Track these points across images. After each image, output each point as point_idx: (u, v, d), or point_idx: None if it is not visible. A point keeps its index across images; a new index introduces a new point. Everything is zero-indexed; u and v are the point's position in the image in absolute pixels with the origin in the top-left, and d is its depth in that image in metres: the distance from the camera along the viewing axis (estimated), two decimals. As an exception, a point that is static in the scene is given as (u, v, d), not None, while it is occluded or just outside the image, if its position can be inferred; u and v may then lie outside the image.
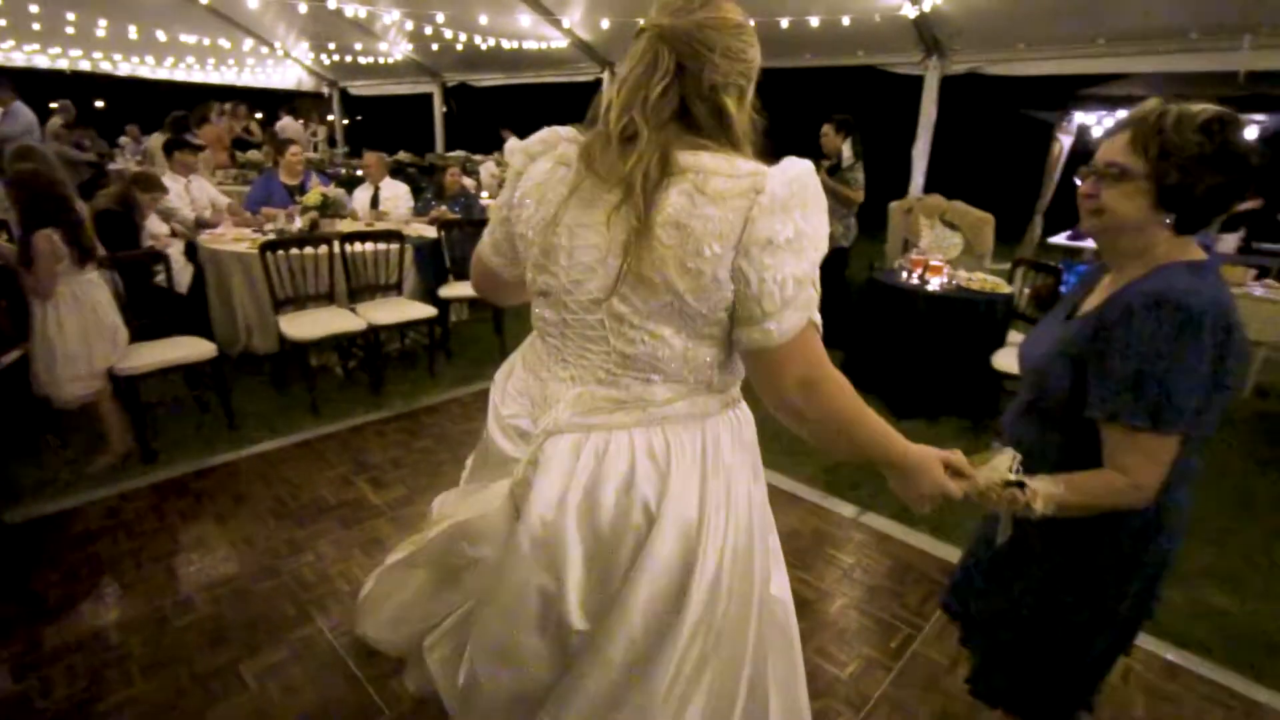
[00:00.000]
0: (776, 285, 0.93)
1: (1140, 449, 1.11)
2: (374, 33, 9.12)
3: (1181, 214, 1.13)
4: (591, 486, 1.03)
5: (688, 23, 0.94)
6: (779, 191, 0.92)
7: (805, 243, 0.93)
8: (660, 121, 0.95)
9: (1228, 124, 1.09)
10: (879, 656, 2.13)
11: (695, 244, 0.93)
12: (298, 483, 3.01)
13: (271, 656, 2.04)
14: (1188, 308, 1.06)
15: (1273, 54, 4.48)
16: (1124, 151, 1.14)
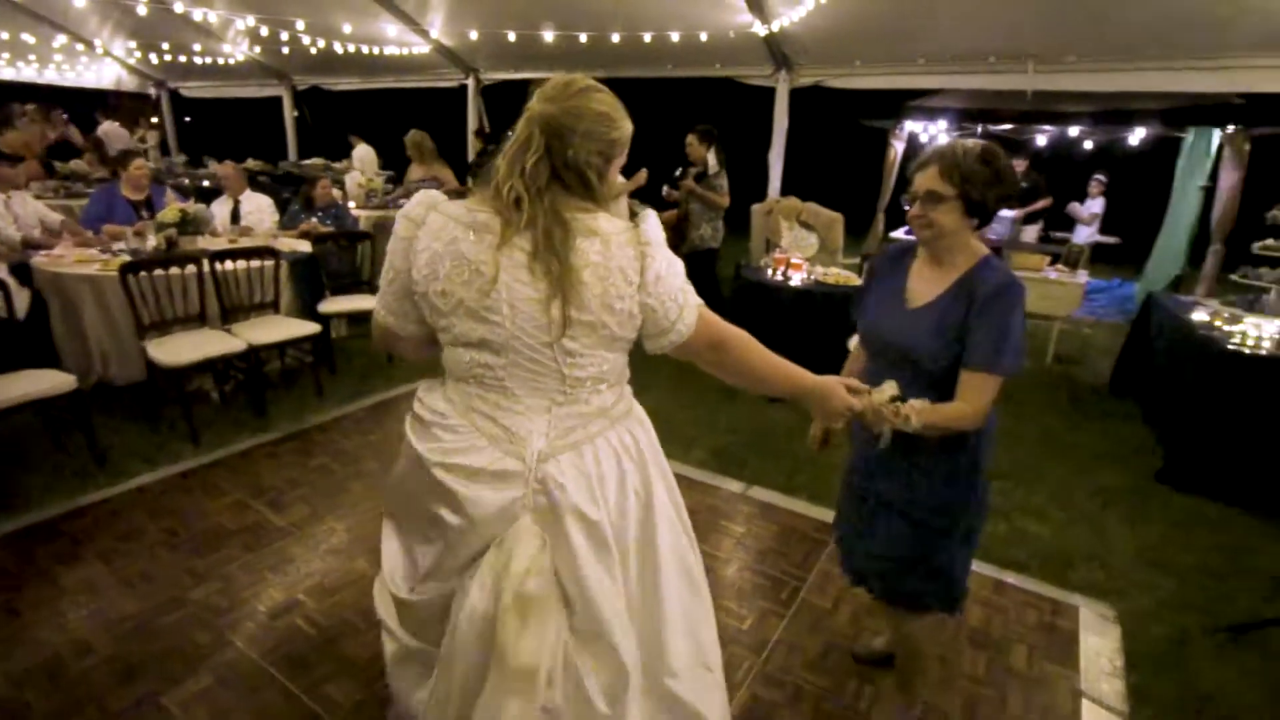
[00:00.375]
0: (673, 301, 1.25)
1: (985, 387, 1.53)
2: (212, 32, 8.50)
3: (980, 219, 1.58)
4: (599, 487, 1.27)
5: (556, 109, 1.17)
6: (656, 237, 1.25)
7: (672, 269, 1.26)
8: (538, 187, 1.17)
9: (996, 154, 1.55)
10: (772, 607, 2.45)
11: (614, 287, 1.20)
12: (188, 513, 2.90)
13: (194, 685, 2.02)
14: (1020, 288, 1.54)
15: (1050, 77, 5.37)
16: (937, 181, 1.55)
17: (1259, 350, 3.35)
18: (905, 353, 1.63)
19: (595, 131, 1.20)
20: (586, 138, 1.19)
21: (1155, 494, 3.36)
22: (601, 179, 1.24)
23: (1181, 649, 2.32)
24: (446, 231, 1.21)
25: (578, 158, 1.19)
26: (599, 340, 1.23)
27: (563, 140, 1.17)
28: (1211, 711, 2.06)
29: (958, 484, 1.65)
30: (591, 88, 1.23)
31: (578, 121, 1.18)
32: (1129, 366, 4.65)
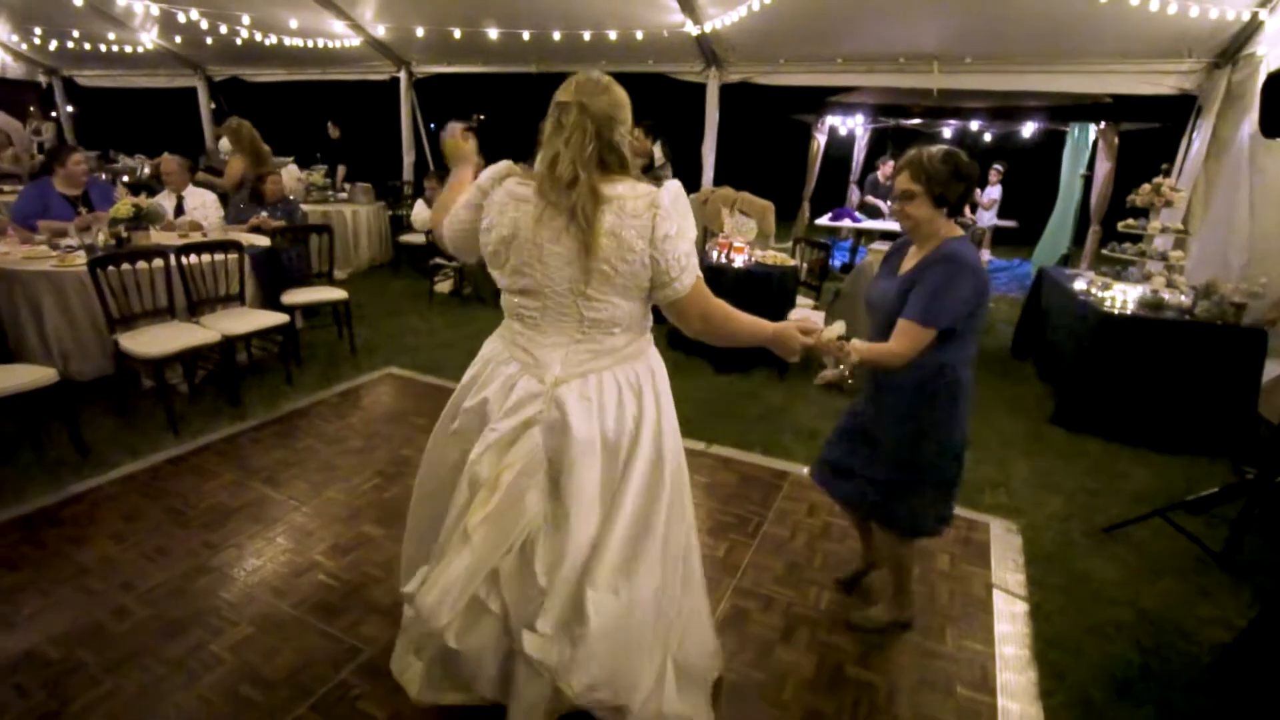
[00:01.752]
0: (675, 260, 1.51)
1: (911, 334, 1.91)
2: (113, 17, 8.09)
3: (948, 209, 1.97)
4: (600, 412, 1.57)
5: (601, 103, 1.49)
6: (667, 204, 1.50)
7: (685, 231, 1.53)
8: (589, 169, 1.48)
9: (956, 155, 1.95)
10: (740, 538, 2.85)
11: (627, 245, 1.49)
12: (188, 494, 3.04)
13: (237, 634, 2.23)
14: (960, 259, 1.91)
15: (952, 77, 6.01)
16: (909, 181, 1.96)
17: (1125, 312, 4.00)
18: (885, 310, 2.03)
19: (623, 116, 1.53)
20: (621, 122, 1.52)
21: (1048, 434, 3.98)
22: (627, 147, 1.55)
23: (1066, 548, 2.87)
24: (504, 204, 1.57)
25: (619, 139, 1.51)
26: (613, 288, 1.52)
27: (610, 127, 1.49)
28: (1085, 588, 2.60)
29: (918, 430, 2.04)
30: (612, 81, 1.54)
31: (615, 110, 1.50)
32: (1026, 332, 5.33)
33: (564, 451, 1.57)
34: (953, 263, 1.91)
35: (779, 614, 2.41)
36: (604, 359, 1.59)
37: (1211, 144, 5.04)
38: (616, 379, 1.60)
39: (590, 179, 1.47)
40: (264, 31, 7.26)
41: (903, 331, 1.93)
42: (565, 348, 1.59)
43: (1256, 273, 4.18)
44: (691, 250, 1.56)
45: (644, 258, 1.50)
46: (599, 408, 1.58)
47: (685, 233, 1.53)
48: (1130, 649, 2.31)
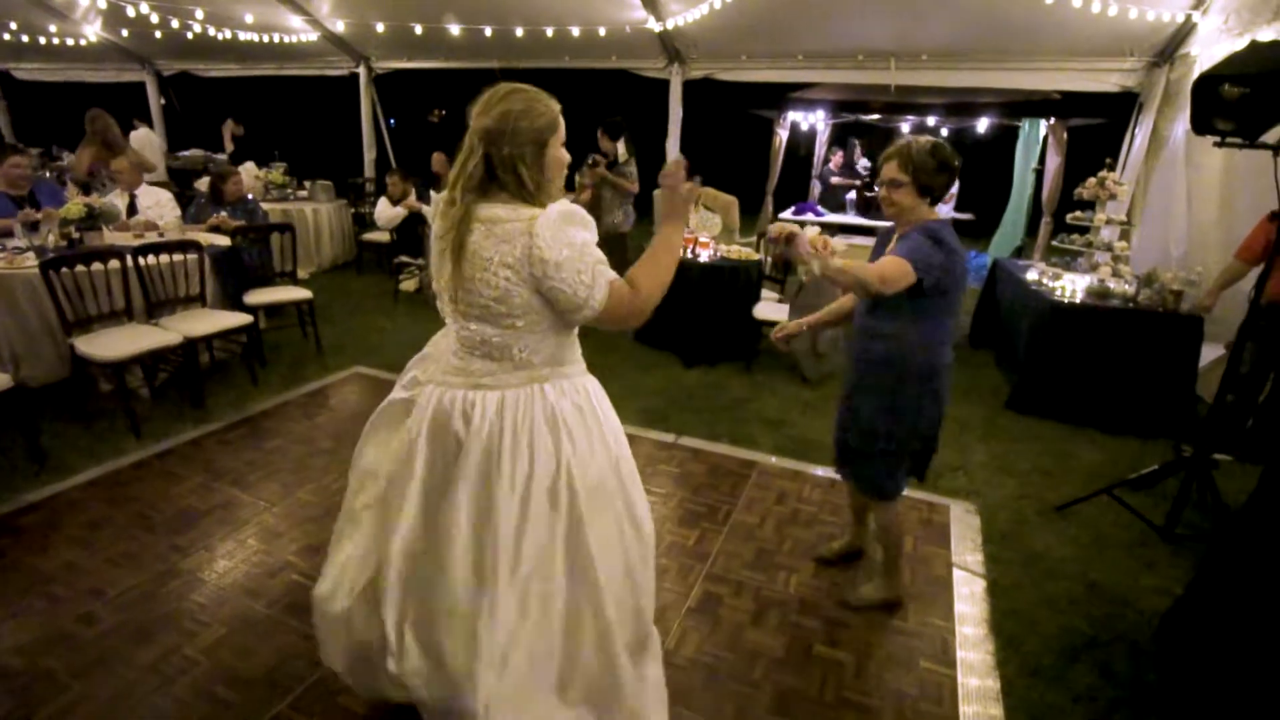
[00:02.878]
0: (577, 283, 1.42)
1: (892, 264, 1.98)
2: (53, 8, 7.81)
3: (931, 198, 2.08)
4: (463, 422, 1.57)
5: (486, 121, 1.43)
6: (546, 233, 1.40)
7: (577, 250, 1.42)
8: (470, 189, 1.46)
9: (941, 147, 2.06)
10: (711, 526, 2.92)
11: (492, 268, 1.44)
12: (154, 499, 2.99)
13: (210, 636, 2.22)
14: (935, 230, 2.03)
15: (909, 74, 6.16)
16: (896, 170, 2.07)
17: (1074, 300, 4.18)
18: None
19: (522, 127, 1.43)
20: (515, 135, 1.43)
21: (1004, 419, 4.14)
22: (536, 165, 1.47)
23: (1021, 526, 3.01)
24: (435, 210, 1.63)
25: (511, 155, 1.43)
26: (482, 314, 1.49)
27: (497, 144, 1.43)
28: (1039, 564, 2.73)
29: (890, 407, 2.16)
30: (513, 91, 1.47)
31: (505, 123, 1.42)
32: (983, 321, 5.52)
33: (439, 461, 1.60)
34: (928, 229, 2.02)
35: (749, 598, 2.49)
36: (485, 379, 1.56)
37: (1152, 140, 5.29)
38: (505, 402, 1.55)
39: (467, 199, 1.46)
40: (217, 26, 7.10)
41: (884, 261, 2.01)
42: (456, 357, 1.61)
43: (1194, 262, 4.41)
44: (597, 263, 1.45)
45: (515, 286, 1.44)
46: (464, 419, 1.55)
47: (582, 250, 1.43)
48: (1080, 619, 2.44)
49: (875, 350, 2.16)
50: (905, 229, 2.12)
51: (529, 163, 1.46)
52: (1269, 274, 2.78)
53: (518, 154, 1.45)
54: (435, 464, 1.61)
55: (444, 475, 1.59)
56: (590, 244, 1.46)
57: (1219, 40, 4.43)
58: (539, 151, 1.48)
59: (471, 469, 1.55)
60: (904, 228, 2.13)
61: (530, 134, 1.45)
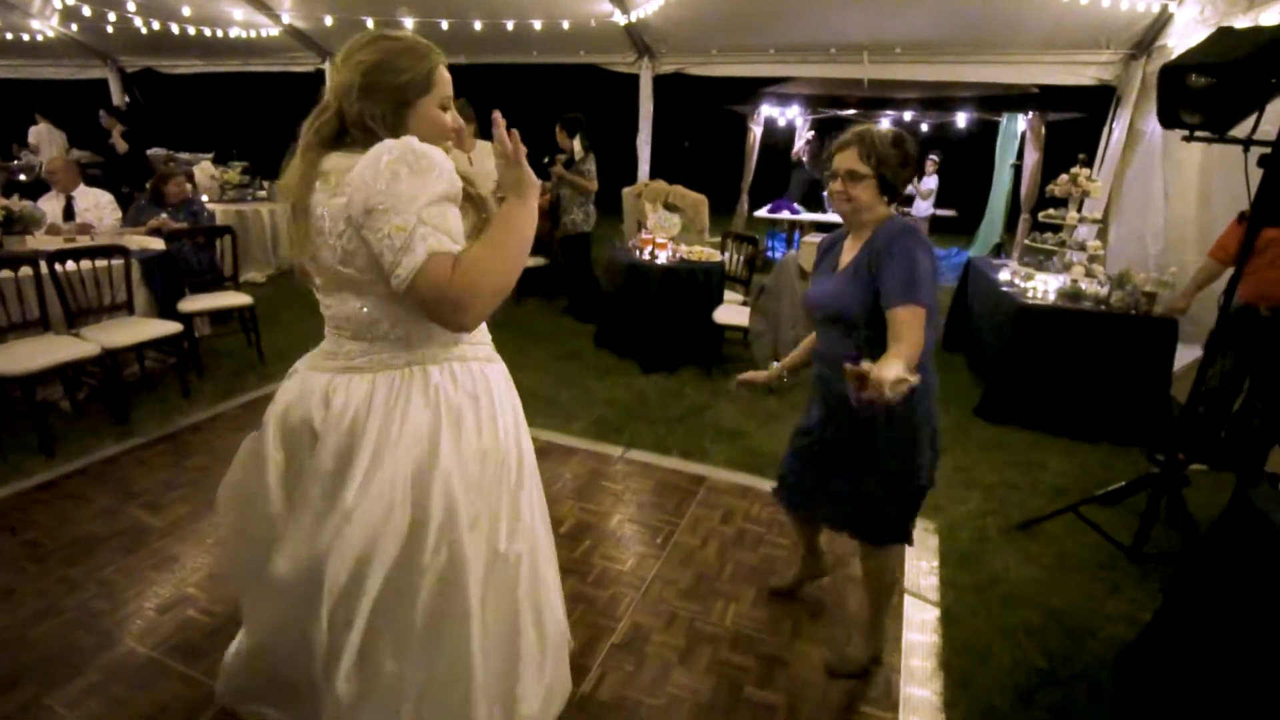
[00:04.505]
0: (388, 239, 1.14)
1: (910, 320, 1.66)
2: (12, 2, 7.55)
3: (891, 197, 1.84)
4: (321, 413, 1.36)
5: (344, 71, 1.25)
6: (365, 172, 1.14)
7: (398, 200, 1.13)
8: (317, 143, 1.26)
9: (905, 139, 1.81)
10: (649, 550, 2.73)
11: (328, 223, 1.23)
12: (52, 526, 2.78)
13: (81, 684, 2.01)
14: (916, 231, 1.77)
15: (882, 67, 5.98)
16: (855, 161, 1.78)
17: (1044, 302, 4.01)
18: (832, 310, 1.87)
19: (379, 83, 1.23)
20: (368, 91, 1.23)
21: (972, 426, 3.96)
22: (396, 128, 1.24)
23: (982, 546, 2.83)
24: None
25: (362, 113, 1.23)
26: (330, 280, 1.30)
27: (349, 99, 1.23)
28: (997, 589, 2.55)
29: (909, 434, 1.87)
30: (377, 39, 1.26)
31: (357, 77, 1.22)
32: (956, 323, 5.35)
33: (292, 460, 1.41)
34: (909, 234, 1.76)
35: (680, 631, 2.30)
36: (331, 361, 1.38)
37: (1129, 134, 5.12)
38: (376, 385, 1.33)
39: (311, 153, 1.26)
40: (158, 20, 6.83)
41: (900, 322, 1.67)
42: (327, 339, 1.42)
43: (1172, 260, 4.24)
44: (423, 224, 1.14)
45: (352, 241, 1.21)
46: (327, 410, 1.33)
47: (407, 201, 1.13)
48: (1037, 653, 2.26)
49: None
50: (866, 231, 1.85)
51: (387, 124, 1.24)
52: (1240, 277, 2.60)
53: (370, 112, 1.23)
54: (288, 466, 1.41)
55: (295, 479, 1.39)
56: (425, 197, 1.14)
57: (1195, 31, 4.26)
58: (399, 111, 1.25)
59: (325, 463, 1.32)
60: (864, 230, 1.85)
61: (389, 91, 1.24)
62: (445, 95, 1.31)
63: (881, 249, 1.75)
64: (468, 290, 1.17)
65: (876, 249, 1.77)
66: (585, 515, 2.95)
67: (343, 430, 1.32)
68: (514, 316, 5.81)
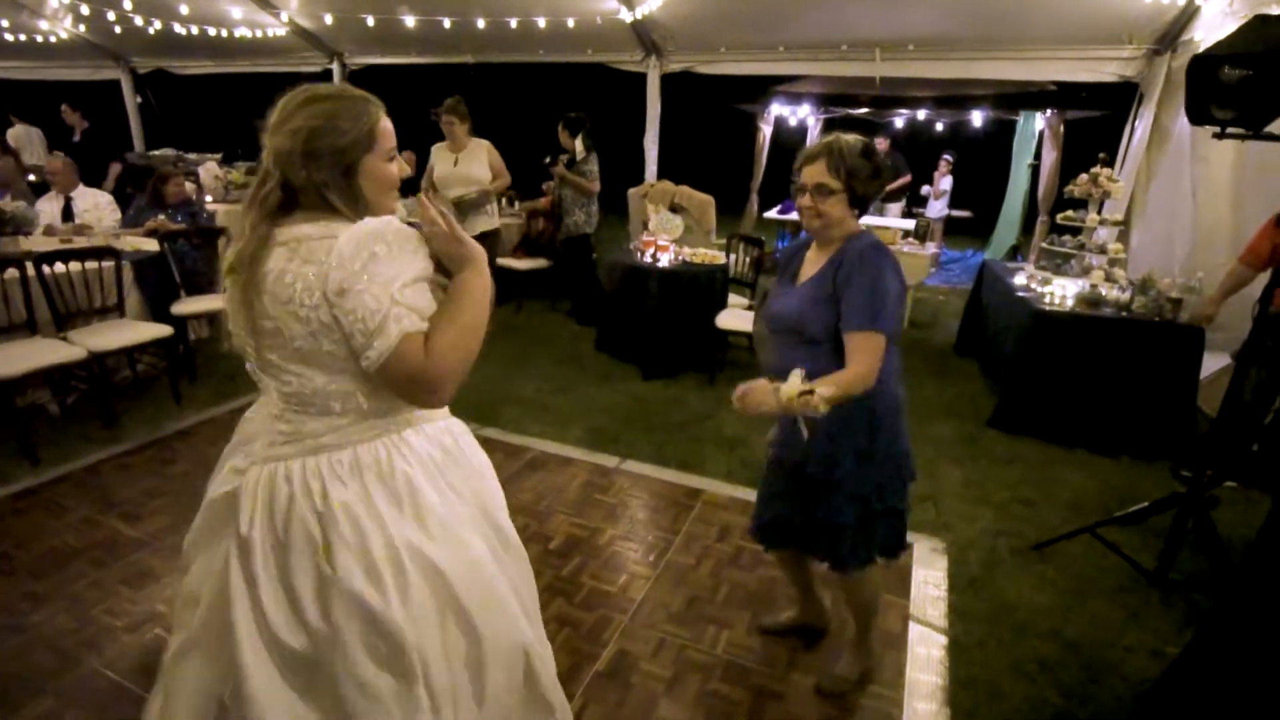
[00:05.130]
0: (361, 321, 1.10)
1: (869, 346, 1.64)
2: (22, 3, 7.58)
3: (861, 210, 1.76)
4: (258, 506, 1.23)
5: (279, 138, 1.16)
6: (344, 249, 1.11)
7: (374, 282, 1.10)
8: (265, 214, 1.18)
9: (873, 149, 1.73)
10: (640, 569, 2.60)
11: (296, 294, 1.13)
12: (25, 536, 2.70)
13: (34, 709, 1.92)
14: (883, 252, 1.70)
15: (895, 65, 5.81)
16: (825, 175, 1.70)
17: (1062, 308, 3.83)
18: (790, 323, 1.78)
19: (321, 148, 1.16)
20: (314, 159, 1.16)
21: (984, 438, 3.79)
22: (347, 191, 1.19)
23: (993, 569, 2.67)
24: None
25: (310, 179, 1.17)
26: (293, 353, 1.18)
27: (293, 166, 1.16)
28: (1009, 617, 2.39)
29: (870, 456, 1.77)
30: (312, 99, 1.18)
31: (298, 144, 1.15)
32: (970, 328, 5.17)
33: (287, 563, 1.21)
34: (876, 255, 1.69)
35: (669, 659, 2.17)
36: (293, 445, 1.23)
37: (1153, 132, 4.91)
38: (360, 462, 1.22)
39: (263, 227, 1.17)
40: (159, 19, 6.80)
41: (858, 347, 1.64)
42: (283, 422, 1.25)
43: (1200, 263, 4.04)
44: (397, 304, 1.11)
45: (322, 314, 1.13)
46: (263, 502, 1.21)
47: (384, 283, 1.11)
48: (1051, 688, 2.10)
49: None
50: (827, 250, 1.77)
51: (337, 186, 1.18)
52: (1277, 284, 2.42)
53: (317, 178, 1.17)
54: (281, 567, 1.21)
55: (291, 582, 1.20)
56: (401, 278, 1.12)
57: (1224, 24, 4.05)
58: (348, 174, 1.19)
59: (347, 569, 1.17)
60: (830, 244, 1.78)
61: (333, 155, 1.17)
62: (389, 148, 1.25)
63: (848, 268, 1.69)
64: (444, 372, 1.15)
65: (842, 267, 1.70)
66: (576, 530, 2.83)
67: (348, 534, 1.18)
68: (514, 320, 5.71)
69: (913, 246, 5.92)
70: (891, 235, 5.96)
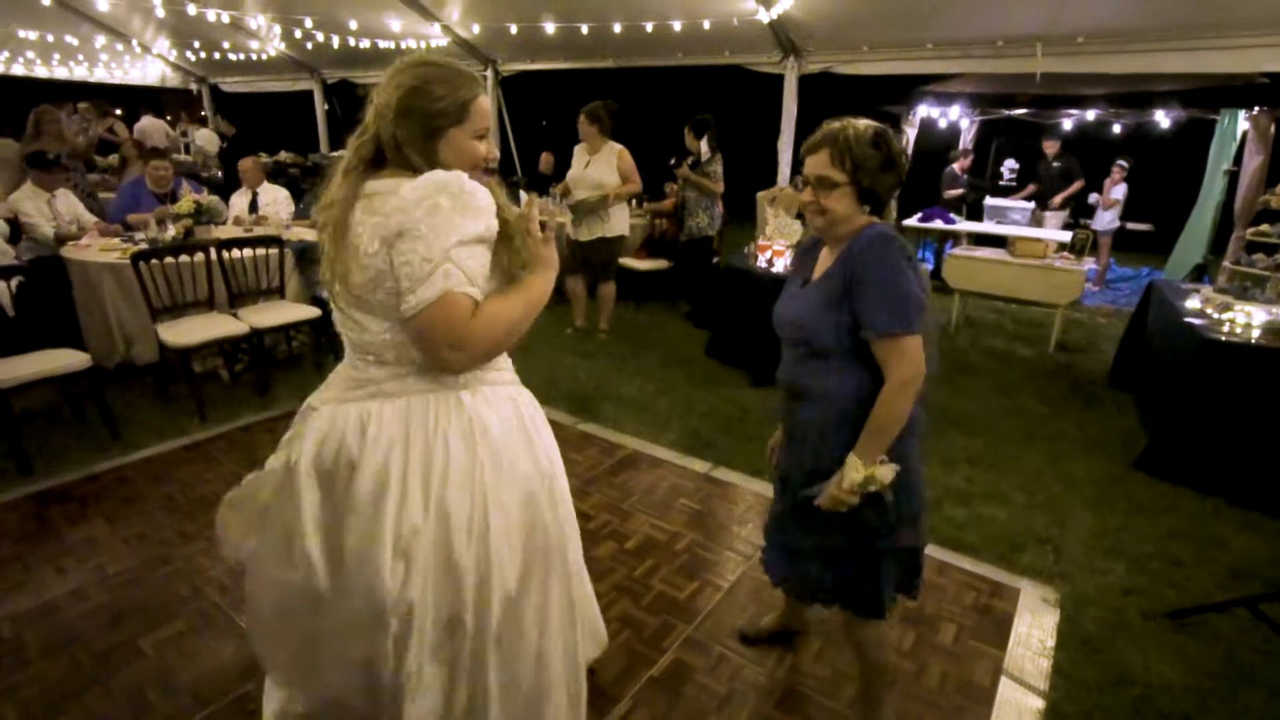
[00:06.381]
0: (409, 265, 1.17)
1: (902, 349, 1.48)
2: (244, 29, 8.84)
3: (873, 206, 1.58)
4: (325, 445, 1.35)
5: (383, 94, 1.26)
6: (408, 195, 1.18)
7: (433, 231, 1.16)
8: (357, 163, 1.28)
9: (888, 137, 1.54)
10: (713, 579, 2.55)
11: (362, 243, 1.23)
12: (188, 482, 3.14)
13: (168, 630, 2.23)
14: (889, 234, 1.53)
15: (1060, 60, 5.25)
16: (828, 166, 1.55)
17: (1244, 339, 3.27)
18: (798, 329, 1.64)
19: (414, 107, 1.24)
20: (404, 116, 1.24)
21: (1129, 481, 3.33)
22: (426, 155, 1.26)
23: (1116, 632, 2.33)
24: None
25: (396, 137, 1.25)
26: (355, 300, 1.28)
27: (386, 121, 1.25)
28: (1128, 692, 2.07)
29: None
30: (417, 62, 1.27)
31: (394, 99, 1.24)
32: (1128, 356, 4.56)
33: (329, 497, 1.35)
34: (887, 247, 1.50)
35: (726, 676, 2.11)
36: (358, 390, 1.35)
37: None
38: (411, 410, 1.31)
39: (352, 175, 1.28)
40: (370, 37, 7.60)
41: (890, 351, 1.49)
42: (351, 366, 1.39)
43: None
44: (449, 261, 1.17)
45: (382, 265, 1.22)
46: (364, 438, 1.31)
47: (433, 232, 1.16)
48: (1167, 779, 1.81)
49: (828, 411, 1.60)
50: (842, 243, 1.59)
51: (417, 149, 1.26)
52: None
53: (401, 135, 1.25)
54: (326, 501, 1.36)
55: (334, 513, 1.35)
56: (458, 235, 1.17)
57: None
58: (430, 139, 1.27)
59: (364, 495, 1.30)
60: (840, 242, 1.60)
61: (423, 117, 1.25)
62: (481, 127, 1.32)
63: (857, 268, 1.51)
64: (481, 336, 1.23)
65: (851, 267, 1.52)
66: (655, 532, 2.83)
67: (380, 454, 1.30)
68: (631, 319, 5.80)
69: (1064, 261, 5.31)
70: (1041, 248, 5.39)
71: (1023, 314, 6.22)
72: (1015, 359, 5.10)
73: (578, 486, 3.12)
